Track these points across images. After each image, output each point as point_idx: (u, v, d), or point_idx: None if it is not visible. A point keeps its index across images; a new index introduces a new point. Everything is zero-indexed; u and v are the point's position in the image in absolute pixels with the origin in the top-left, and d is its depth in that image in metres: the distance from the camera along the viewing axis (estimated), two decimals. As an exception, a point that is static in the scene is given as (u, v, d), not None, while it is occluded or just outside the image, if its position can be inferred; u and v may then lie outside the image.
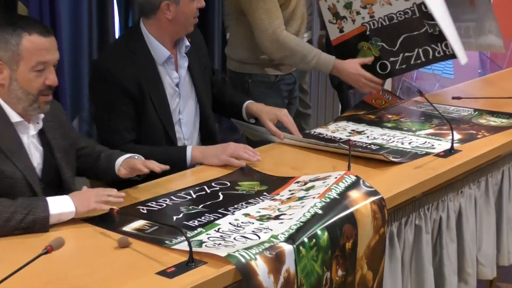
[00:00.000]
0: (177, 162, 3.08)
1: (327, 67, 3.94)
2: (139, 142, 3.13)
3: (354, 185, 2.73)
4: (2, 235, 2.35)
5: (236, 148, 3.11)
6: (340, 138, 3.49)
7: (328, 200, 2.60)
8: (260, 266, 2.21)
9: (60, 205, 2.42)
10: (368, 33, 3.93)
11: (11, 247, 2.35)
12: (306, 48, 3.90)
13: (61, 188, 2.70)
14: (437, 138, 3.49)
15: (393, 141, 3.42)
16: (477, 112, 3.95)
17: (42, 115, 2.66)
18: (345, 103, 4.95)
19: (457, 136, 3.39)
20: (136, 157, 2.73)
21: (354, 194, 2.68)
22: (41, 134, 2.69)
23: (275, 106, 3.64)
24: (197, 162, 3.12)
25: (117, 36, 5.17)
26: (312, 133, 3.63)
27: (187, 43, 3.27)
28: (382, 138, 3.50)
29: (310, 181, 2.84)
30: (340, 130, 3.64)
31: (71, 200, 2.44)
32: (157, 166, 2.68)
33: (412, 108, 4.07)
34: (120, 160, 2.74)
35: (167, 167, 2.73)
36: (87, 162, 2.85)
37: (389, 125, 3.73)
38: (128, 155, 2.75)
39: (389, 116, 3.88)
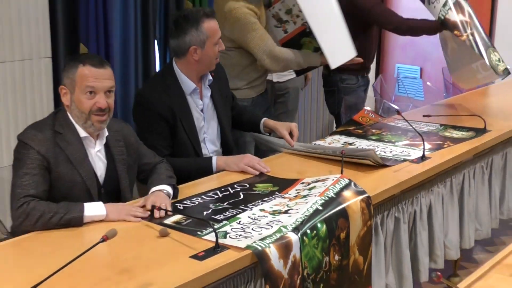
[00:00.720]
0: (206, 169, 3.09)
1: (316, 64, 4.04)
2: (173, 156, 3.11)
3: (347, 186, 2.72)
4: (46, 229, 2.37)
5: (252, 159, 3.11)
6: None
7: (326, 198, 2.60)
8: (273, 253, 2.21)
9: (93, 210, 2.42)
10: (307, 30, 3.94)
11: (74, 237, 2.35)
12: (297, 55, 3.91)
13: (119, 195, 2.70)
14: (411, 147, 3.46)
15: (377, 151, 3.37)
16: (442, 127, 3.92)
17: (106, 133, 2.66)
18: (339, 124, 4.91)
19: (427, 146, 3.36)
20: (164, 191, 2.65)
21: (346, 193, 2.67)
22: (107, 149, 2.68)
23: None
24: (221, 169, 3.10)
25: (157, 70, 5.18)
26: (312, 144, 3.60)
27: (210, 77, 3.26)
28: (369, 147, 3.45)
29: (312, 182, 2.82)
30: (335, 142, 3.61)
31: (104, 207, 2.44)
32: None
33: (391, 124, 4.03)
34: (152, 189, 2.68)
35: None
36: (146, 175, 2.83)
37: (374, 137, 3.69)
38: (157, 187, 2.67)
39: (373, 130, 3.84)
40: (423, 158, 3.25)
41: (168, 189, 2.66)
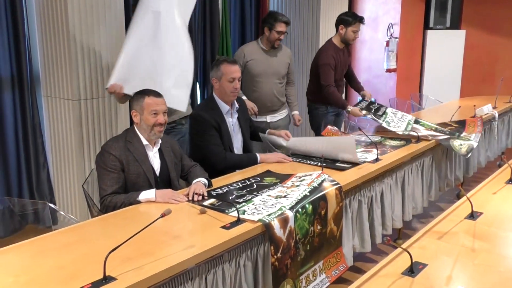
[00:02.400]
0: (253, 161, 3.12)
1: None
2: None
3: (326, 179, 2.68)
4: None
5: (279, 155, 3.17)
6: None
7: (312, 187, 2.57)
8: (276, 224, 2.18)
9: (146, 195, 2.43)
10: None
11: (142, 214, 2.33)
12: None
13: (170, 183, 2.69)
14: (367, 153, 3.38)
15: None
16: (383, 138, 3.84)
17: (160, 141, 2.67)
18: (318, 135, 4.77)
19: (375, 151, 3.29)
20: (202, 181, 2.63)
21: (326, 184, 2.63)
22: (160, 153, 2.68)
23: None
24: (262, 161, 3.14)
25: (199, 102, 5.19)
26: (302, 138, 3.50)
27: (237, 105, 3.23)
28: None
29: (302, 176, 2.78)
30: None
31: (154, 193, 2.44)
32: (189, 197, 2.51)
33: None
34: (194, 180, 2.65)
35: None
36: (186, 174, 2.81)
37: None
38: (198, 179, 2.65)
39: None
40: (377, 160, 3.19)
41: (205, 180, 2.65)
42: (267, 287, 2.21)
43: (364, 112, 4.01)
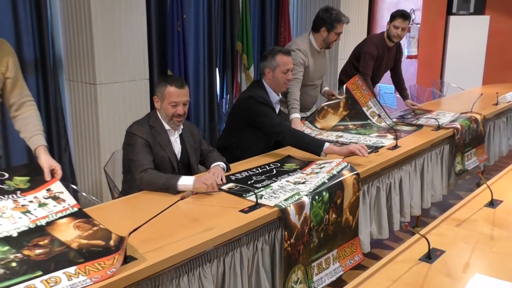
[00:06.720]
0: (318, 146, 2.86)
1: None
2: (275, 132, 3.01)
3: (345, 167, 2.67)
4: (153, 191, 2.38)
5: (354, 146, 2.83)
6: (332, 140, 3.31)
7: (331, 175, 2.57)
8: (292, 210, 2.19)
9: (185, 181, 2.34)
10: None
11: (162, 196, 2.35)
12: None
13: (189, 167, 2.71)
14: (382, 137, 3.39)
15: (360, 140, 3.31)
16: (394, 124, 3.84)
17: (181, 127, 2.67)
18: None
19: (390, 136, 3.28)
20: (221, 165, 2.64)
21: (344, 172, 2.62)
22: (181, 138, 2.69)
23: None
24: (329, 153, 2.86)
25: (218, 87, 5.20)
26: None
27: (281, 96, 3.23)
28: (353, 138, 3.35)
29: (323, 163, 2.77)
30: (330, 136, 3.44)
31: (193, 180, 2.35)
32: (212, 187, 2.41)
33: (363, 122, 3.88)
34: (213, 164, 2.66)
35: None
36: (204, 158, 2.81)
37: (354, 132, 3.56)
38: (216, 163, 2.66)
39: (351, 126, 3.68)
40: (396, 146, 3.18)
41: (223, 165, 2.67)
42: (283, 271, 2.23)
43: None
